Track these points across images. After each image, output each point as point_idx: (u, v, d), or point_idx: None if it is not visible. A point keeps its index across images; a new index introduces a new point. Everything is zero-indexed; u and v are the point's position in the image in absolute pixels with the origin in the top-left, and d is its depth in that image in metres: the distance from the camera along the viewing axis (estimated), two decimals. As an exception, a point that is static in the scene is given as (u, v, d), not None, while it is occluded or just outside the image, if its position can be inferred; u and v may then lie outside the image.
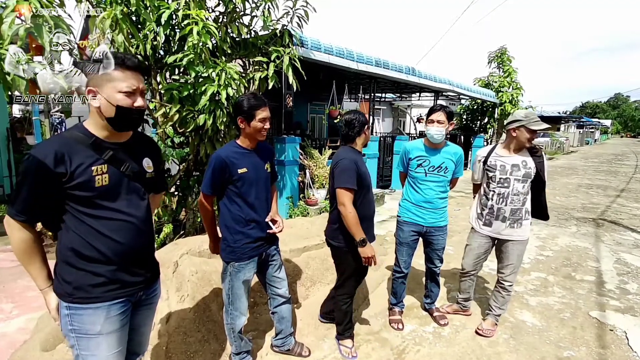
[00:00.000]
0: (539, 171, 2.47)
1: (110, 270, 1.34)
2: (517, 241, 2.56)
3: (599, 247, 4.86)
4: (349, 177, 2.13)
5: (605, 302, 3.32)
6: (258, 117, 1.95)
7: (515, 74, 13.22)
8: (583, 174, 13.04)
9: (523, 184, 2.48)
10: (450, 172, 2.64)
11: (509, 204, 2.51)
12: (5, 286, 3.32)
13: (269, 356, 2.42)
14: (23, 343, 2.44)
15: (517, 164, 2.49)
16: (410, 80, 8.57)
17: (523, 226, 2.54)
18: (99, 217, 1.31)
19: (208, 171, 1.96)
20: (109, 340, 1.35)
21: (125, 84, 1.28)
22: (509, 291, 2.66)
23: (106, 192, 1.31)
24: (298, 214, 5.47)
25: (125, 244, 1.36)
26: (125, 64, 1.27)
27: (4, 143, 6.43)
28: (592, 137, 39.81)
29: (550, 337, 2.74)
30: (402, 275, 2.82)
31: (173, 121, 3.42)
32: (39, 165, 1.19)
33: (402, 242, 2.75)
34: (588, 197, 8.52)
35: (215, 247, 2.16)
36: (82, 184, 1.25)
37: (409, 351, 2.55)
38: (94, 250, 1.31)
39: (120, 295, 1.38)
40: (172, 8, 3.11)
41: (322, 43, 5.90)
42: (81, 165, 1.25)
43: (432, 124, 2.55)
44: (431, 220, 2.66)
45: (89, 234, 1.30)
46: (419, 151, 2.66)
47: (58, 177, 1.22)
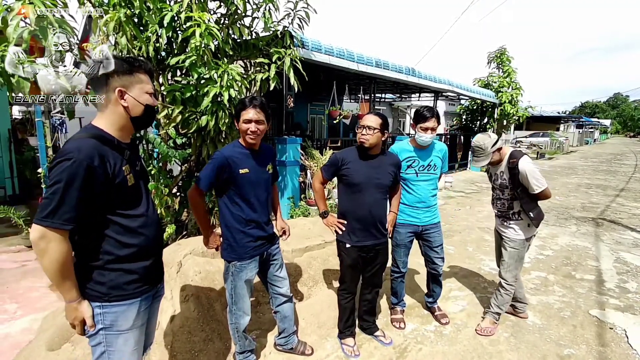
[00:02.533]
0: (515, 183, 2.54)
1: (143, 266, 1.40)
2: (507, 238, 2.72)
3: (598, 247, 4.88)
4: (326, 166, 2.44)
5: (605, 300, 3.35)
6: (242, 117, 1.98)
7: (515, 74, 13.26)
8: (582, 173, 13.07)
9: (500, 192, 2.70)
10: (438, 169, 2.72)
11: (495, 206, 2.80)
12: (8, 287, 3.34)
13: (272, 355, 2.44)
14: (28, 343, 2.46)
15: (497, 174, 2.71)
16: (410, 80, 8.61)
17: (511, 227, 2.69)
18: (130, 216, 1.37)
19: (208, 167, 1.97)
20: (136, 334, 1.41)
21: (150, 86, 1.39)
22: (506, 289, 2.73)
23: (134, 191, 1.39)
24: (299, 214, 5.50)
25: (153, 239, 1.45)
26: (147, 68, 1.40)
27: (6, 144, 6.45)
28: (592, 137, 39.85)
29: (551, 335, 2.77)
30: (401, 275, 2.86)
31: (176, 122, 3.44)
32: (88, 168, 1.19)
33: (399, 244, 2.77)
34: (587, 196, 8.55)
35: (210, 241, 2.13)
36: (120, 183, 1.31)
37: (410, 350, 2.57)
38: (131, 248, 1.36)
39: (147, 290, 1.45)
40: (175, 10, 3.13)
41: (323, 44, 5.93)
42: (116, 166, 1.30)
43: (426, 132, 2.56)
44: (426, 219, 2.70)
45: (123, 233, 1.34)
46: (407, 152, 2.69)
47: (106, 179, 1.25)
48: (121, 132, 1.38)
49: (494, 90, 13.14)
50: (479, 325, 2.81)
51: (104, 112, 1.34)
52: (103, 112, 1.34)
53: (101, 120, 1.34)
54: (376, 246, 2.40)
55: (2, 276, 3.55)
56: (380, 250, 2.44)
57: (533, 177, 2.46)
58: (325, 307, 2.96)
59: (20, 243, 4.38)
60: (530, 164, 2.50)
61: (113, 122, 1.35)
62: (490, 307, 2.81)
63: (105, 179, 1.25)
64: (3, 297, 3.15)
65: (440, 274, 2.88)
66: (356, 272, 2.47)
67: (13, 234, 4.67)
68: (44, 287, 3.33)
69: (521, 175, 2.49)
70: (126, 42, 3.03)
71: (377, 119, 2.30)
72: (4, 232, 4.84)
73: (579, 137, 33.69)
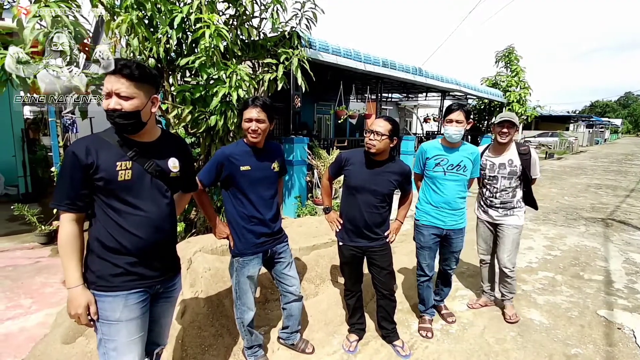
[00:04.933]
0: (524, 168, 2.73)
1: (128, 262, 1.43)
2: (511, 226, 2.80)
3: (607, 247, 4.84)
4: (333, 164, 2.51)
5: (614, 301, 3.33)
6: (244, 117, 2.03)
7: (523, 73, 13.16)
8: (592, 173, 12.92)
9: (509, 181, 2.77)
10: (468, 172, 2.60)
11: (498, 197, 2.82)
12: (23, 282, 3.43)
13: (280, 351, 2.48)
14: (43, 337, 2.53)
15: (504, 163, 2.77)
16: (417, 80, 8.59)
17: (515, 214, 2.81)
18: (121, 212, 1.41)
19: (209, 163, 2.05)
20: (129, 327, 1.43)
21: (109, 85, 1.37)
22: (511, 276, 2.88)
23: (128, 187, 1.41)
24: (306, 213, 5.54)
25: (145, 238, 1.44)
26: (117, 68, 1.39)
27: (19, 144, 6.59)
28: (602, 137, 39.28)
29: (558, 335, 2.77)
30: (427, 279, 2.75)
31: (185, 122, 3.50)
32: (73, 156, 1.34)
33: (424, 246, 2.69)
34: (597, 197, 8.46)
35: (218, 230, 2.15)
36: (106, 176, 1.37)
37: (417, 347, 2.59)
38: (115, 242, 1.40)
39: (137, 286, 1.46)
40: (185, 12, 3.19)
41: (330, 44, 5.96)
42: (107, 160, 1.38)
43: (450, 124, 2.50)
44: (451, 223, 2.61)
45: (112, 226, 1.40)
46: (437, 150, 2.63)
47: (87, 167, 1.35)
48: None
49: (502, 90, 13.05)
50: (506, 314, 2.95)
51: None
52: None
53: None
54: (370, 248, 2.38)
55: (17, 272, 3.65)
56: (378, 253, 2.39)
57: (537, 163, 2.79)
58: (332, 305, 2.99)
59: (34, 240, 4.48)
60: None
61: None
62: (505, 295, 2.97)
63: (86, 167, 1.35)
64: (18, 292, 3.23)
65: (452, 274, 2.88)
66: (353, 270, 2.48)
67: (27, 231, 4.78)
68: (57, 283, 3.41)
69: (532, 160, 2.74)
70: (138, 44, 3.09)
71: (386, 124, 2.24)
72: (18, 229, 4.95)
73: (589, 137, 33.24)
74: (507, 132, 2.71)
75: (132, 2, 2.99)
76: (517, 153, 2.76)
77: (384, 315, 2.55)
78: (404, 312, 3.08)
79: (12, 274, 3.59)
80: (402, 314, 3.03)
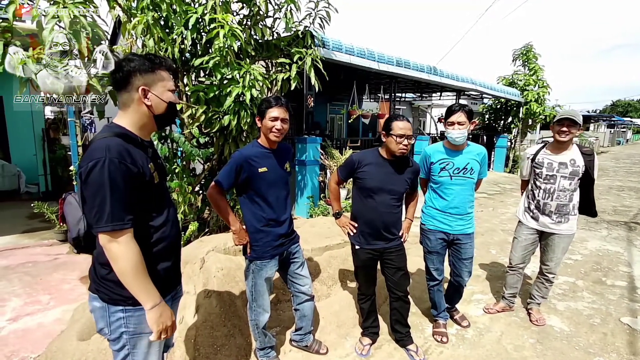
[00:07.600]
0: (588, 169, 2.58)
1: (165, 267, 1.38)
2: (564, 235, 2.68)
3: (631, 252, 4.66)
4: (342, 167, 2.43)
5: (638, 308, 3.19)
6: (268, 115, 2.00)
7: (542, 72, 12.78)
8: (614, 175, 12.51)
9: (570, 181, 2.60)
10: (476, 174, 2.50)
11: (554, 199, 2.64)
12: (42, 279, 3.51)
13: (292, 352, 2.46)
14: (60, 333, 2.58)
15: (565, 162, 2.61)
16: (432, 79, 8.47)
17: (570, 221, 2.66)
18: (156, 215, 1.36)
19: (227, 167, 2.00)
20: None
21: (171, 83, 1.37)
22: (551, 282, 2.84)
23: (158, 189, 1.38)
24: (319, 213, 5.51)
25: (176, 238, 1.44)
26: (169, 65, 1.37)
27: (40, 143, 6.78)
28: (624, 137, 38.04)
29: (579, 342, 2.67)
30: (437, 283, 2.69)
31: (199, 122, 3.52)
32: (122, 165, 1.19)
33: (431, 250, 2.63)
34: (619, 199, 8.17)
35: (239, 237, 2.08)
36: (149, 181, 1.30)
37: (432, 352, 2.53)
38: (155, 248, 1.33)
39: (170, 291, 1.44)
40: (199, 12, 3.21)
41: (344, 43, 5.91)
42: (142, 163, 1.29)
43: (452, 126, 2.41)
44: (458, 228, 2.52)
45: (148, 232, 1.32)
46: (440, 154, 2.53)
47: (137, 176, 1.25)
48: (143, 130, 1.37)
49: (519, 89, 12.72)
50: (533, 317, 2.91)
51: (126, 111, 1.32)
52: (125, 111, 1.33)
53: (123, 119, 1.32)
54: (387, 249, 2.34)
55: (36, 268, 3.73)
56: (394, 253, 2.35)
57: (597, 166, 2.65)
58: (345, 306, 2.96)
59: (53, 237, 4.59)
60: None
61: (136, 120, 1.33)
62: (535, 298, 2.93)
63: (136, 176, 1.24)
64: (37, 288, 3.31)
65: (464, 286, 2.75)
66: (368, 274, 2.44)
67: (46, 228, 4.90)
68: (75, 280, 3.48)
69: (595, 162, 2.61)
70: (153, 44, 3.12)
71: (408, 124, 2.20)
72: (38, 226, 5.08)
73: (610, 137, 32.24)
74: (567, 131, 2.55)
75: (148, 3, 3.02)
76: (580, 153, 2.62)
77: (398, 318, 2.50)
78: (418, 315, 3.02)
79: (31, 270, 3.68)
80: (416, 317, 2.97)
